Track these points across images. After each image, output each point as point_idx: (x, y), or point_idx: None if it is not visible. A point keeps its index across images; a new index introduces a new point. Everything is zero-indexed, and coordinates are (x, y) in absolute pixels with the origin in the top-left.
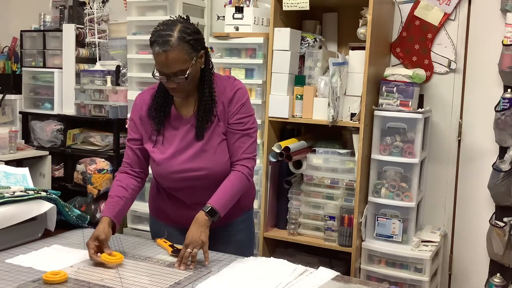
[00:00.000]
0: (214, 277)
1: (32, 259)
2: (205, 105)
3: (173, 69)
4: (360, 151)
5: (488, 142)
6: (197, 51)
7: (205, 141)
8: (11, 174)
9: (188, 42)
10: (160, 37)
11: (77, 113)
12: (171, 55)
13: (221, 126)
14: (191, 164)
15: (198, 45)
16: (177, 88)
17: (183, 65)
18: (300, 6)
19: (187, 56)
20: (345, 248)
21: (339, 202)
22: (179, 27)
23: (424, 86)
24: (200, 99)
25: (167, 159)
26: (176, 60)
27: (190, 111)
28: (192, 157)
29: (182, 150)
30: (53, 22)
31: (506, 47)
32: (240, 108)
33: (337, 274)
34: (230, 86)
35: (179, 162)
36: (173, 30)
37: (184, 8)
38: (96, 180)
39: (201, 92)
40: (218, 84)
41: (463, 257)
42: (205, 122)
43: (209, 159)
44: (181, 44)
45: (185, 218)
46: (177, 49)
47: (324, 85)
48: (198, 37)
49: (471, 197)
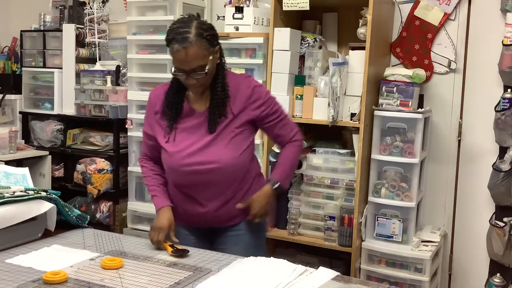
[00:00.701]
0: (214, 277)
1: (32, 259)
2: (218, 100)
3: (192, 65)
4: (360, 151)
5: (488, 142)
6: (214, 46)
7: (217, 135)
8: (11, 174)
9: (206, 37)
10: (178, 35)
11: (77, 113)
12: (191, 51)
13: (237, 122)
14: (202, 157)
15: (214, 41)
16: (196, 84)
17: (202, 60)
18: (300, 6)
19: (206, 52)
20: (345, 248)
21: (339, 202)
22: (195, 23)
23: (424, 86)
24: (213, 94)
25: (179, 152)
26: (196, 56)
27: (203, 106)
28: (203, 151)
29: (194, 144)
30: (53, 22)
31: (506, 47)
32: (265, 102)
33: (337, 274)
34: (246, 83)
35: (190, 155)
36: (190, 27)
37: (184, 8)
38: (96, 180)
39: (214, 87)
40: (232, 80)
41: (463, 257)
42: (217, 116)
43: (220, 153)
44: (199, 40)
45: (196, 215)
46: (196, 45)
47: (324, 85)
48: (214, 32)
49: (471, 197)
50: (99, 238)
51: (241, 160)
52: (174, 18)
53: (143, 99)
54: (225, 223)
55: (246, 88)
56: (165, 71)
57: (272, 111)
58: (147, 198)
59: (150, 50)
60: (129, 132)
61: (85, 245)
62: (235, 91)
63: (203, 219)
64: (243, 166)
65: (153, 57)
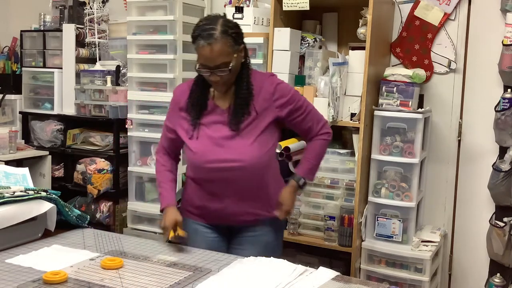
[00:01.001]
0: (214, 277)
1: (32, 259)
2: (242, 98)
3: (217, 62)
4: (360, 151)
5: (488, 142)
6: (239, 44)
7: (240, 133)
8: (11, 174)
9: (231, 35)
10: (204, 31)
11: (77, 113)
12: (216, 48)
13: (261, 120)
14: (225, 155)
15: (239, 39)
16: (219, 81)
17: (226, 57)
18: (300, 6)
19: (230, 49)
20: (345, 248)
21: (339, 202)
22: (221, 21)
23: (424, 86)
24: (238, 92)
25: (202, 149)
26: (220, 52)
27: (226, 103)
28: (226, 148)
29: (217, 141)
30: (53, 22)
31: (506, 47)
32: (289, 100)
33: (337, 274)
34: (269, 81)
35: (214, 153)
36: (216, 24)
37: (184, 8)
38: (96, 180)
39: (238, 85)
40: (256, 79)
41: (463, 257)
42: (241, 115)
43: (243, 151)
44: (224, 37)
45: (213, 211)
46: (221, 42)
47: (324, 85)
48: (239, 31)
49: (471, 197)
50: (99, 238)
51: (264, 159)
52: (174, 18)
53: (143, 99)
54: (242, 221)
55: (269, 86)
56: (165, 71)
57: (296, 107)
58: (147, 198)
59: (150, 50)
60: (129, 132)
61: (85, 245)
62: (258, 90)
63: (220, 215)
64: (266, 165)
65: (153, 57)
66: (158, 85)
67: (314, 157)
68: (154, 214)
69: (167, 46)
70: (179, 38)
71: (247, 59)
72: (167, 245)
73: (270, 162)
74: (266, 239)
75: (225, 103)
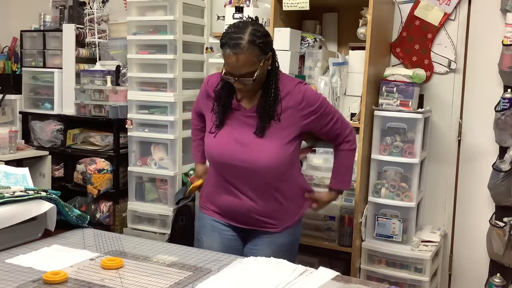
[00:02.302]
0: (214, 277)
1: (32, 259)
2: (268, 103)
3: (242, 71)
4: (360, 151)
5: (488, 142)
6: (266, 53)
7: (262, 137)
8: (11, 174)
9: (258, 45)
10: (231, 40)
11: (77, 113)
12: (241, 58)
13: (284, 127)
14: (242, 155)
15: (267, 48)
16: (243, 89)
17: (251, 67)
18: (300, 6)
19: (256, 59)
20: (345, 248)
21: (339, 202)
22: (250, 30)
23: (424, 86)
24: (264, 98)
25: (220, 144)
26: (246, 62)
27: (250, 103)
28: (245, 149)
29: (236, 139)
30: (53, 22)
31: (506, 47)
32: (315, 109)
33: (337, 274)
34: (297, 88)
35: (231, 150)
36: (244, 33)
37: (184, 8)
38: (96, 180)
39: (266, 91)
40: (285, 85)
41: (463, 257)
42: (266, 119)
43: (261, 155)
44: (251, 47)
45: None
46: (247, 52)
47: (324, 85)
48: (267, 40)
49: (471, 197)
50: (99, 238)
51: (280, 165)
52: (174, 18)
53: (143, 99)
54: (258, 222)
55: (297, 93)
56: (165, 71)
57: (323, 115)
58: (147, 198)
59: (150, 50)
60: (129, 132)
61: (85, 245)
62: (285, 96)
63: (237, 213)
64: (283, 172)
65: (153, 57)
66: (158, 85)
67: (345, 170)
68: (154, 214)
69: (167, 46)
70: (179, 38)
71: (275, 64)
72: (167, 245)
73: (287, 169)
74: (281, 240)
75: (249, 103)
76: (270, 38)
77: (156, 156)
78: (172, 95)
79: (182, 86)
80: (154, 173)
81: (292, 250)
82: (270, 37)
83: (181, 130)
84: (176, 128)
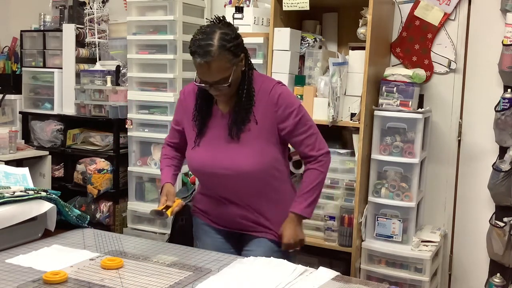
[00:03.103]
0: (214, 277)
1: (32, 259)
2: (242, 106)
3: (215, 78)
4: (360, 151)
5: (488, 142)
6: (238, 56)
7: (238, 141)
8: (11, 174)
9: (229, 49)
10: (200, 48)
11: (77, 113)
12: (213, 65)
13: (260, 129)
14: (220, 162)
15: (238, 50)
16: (219, 94)
17: (225, 73)
18: (300, 6)
19: (229, 64)
20: (345, 248)
21: (339, 202)
22: (219, 34)
23: (424, 86)
24: (237, 100)
25: (200, 153)
26: (218, 69)
27: (227, 107)
28: (222, 155)
29: (215, 147)
30: (53, 22)
31: (506, 47)
32: (290, 114)
33: (337, 274)
34: (274, 90)
35: (210, 158)
36: (212, 39)
37: (184, 8)
38: (96, 180)
39: (239, 93)
40: (263, 85)
41: (463, 257)
42: (240, 123)
43: (239, 159)
44: (222, 53)
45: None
46: (218, 59)
47: (324, 85)
48: (238, 42)
49: (471, 197)
50: (99, 238)
51: (261, 169)
52: (174, 18)
53: (143, 99)
54: (250, 231)
55: (273, 95)
56: (165, 71)
57: (296, 124)
58: (147, 198)
59: (150, 50)
60: (129, 132)
61: (85, 245)
62: (261, 97)
63: (227, 219)
64: (264, 175)
65: (153, 57)
66: (158, 85)
67: (311, 192)
68: None
69: (167, 46)
70: (179, 38)
71: (249, 63)
72: (167, 245)
73: (269, 172)
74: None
75: (226, 107)
76: (241, 38)
77: (156, 156)
78: (172, 95)
79: (182, 86)
80: (154, 173)
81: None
82: (240, 38)
83: None
84: None
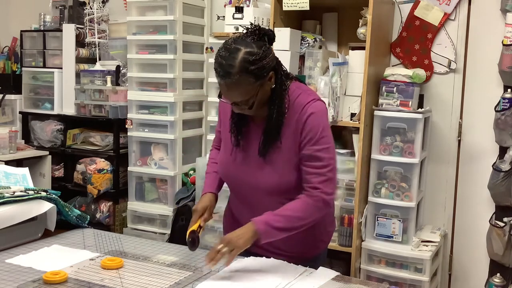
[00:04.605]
0: (214, 277)
1: (32, 259)
2: (272, 126)
3: (235, 99)
4: (360, 151)
5: (488, 142)
6: (262, 77)
7: (265, 157)
8: (11, 174)
9: (252, 72)
10: (221, 67)
11: (77, 113)
12: (233, 87)
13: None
14: (243, 175)
15: (264, 72)
16: (243, 112)
17: (245, 96)
18: (300, 6)
19: (250, 87)
20: (345, 248)
21: (339, 202)
22: (242, 55)
23: (424, 86)
24: (269, 118)
25: (226, 163)
26: (238, 92)
27: (260, 119)
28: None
29: (243, 158)
30: (53, 22)
31: (506, 47)
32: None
33: (337, 274)
34: (306, 108)
35: (235, 169)
36: (234, 60)
37: (184, 8)
38: (96, 180)
39: (271, 108)
40: (296, 102)
41: (463, 257)
42: (269, 142)
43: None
44: (243, 76)
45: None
46: (237, 82)
47: (324, 85)
48: (263, 64)
49: (471, 197)
50: (99, 238)
51: (284, 190)
52: (174, 18)
53: (143, 99)
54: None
55: (303, 113)
56: (165, 71)
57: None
58: (147, 198)
59: (150, 50)
60: (129, 132)
61: (85, 245)
62: (293, 113)
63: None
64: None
65: (153, 57)
66: (158, 85)
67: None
68: (154, 214)
69: (167, 46)
70: (179, 38)
71: (281, 83)
72: (167, 245)
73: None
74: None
75: (259, 118)
76: (268, 58)
77: (156, 156)
78: (172, 95)
79: (182, 86)
80: (154, 173)
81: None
82: (267, 59)
83: (181, 130)
84: (176, 128)
